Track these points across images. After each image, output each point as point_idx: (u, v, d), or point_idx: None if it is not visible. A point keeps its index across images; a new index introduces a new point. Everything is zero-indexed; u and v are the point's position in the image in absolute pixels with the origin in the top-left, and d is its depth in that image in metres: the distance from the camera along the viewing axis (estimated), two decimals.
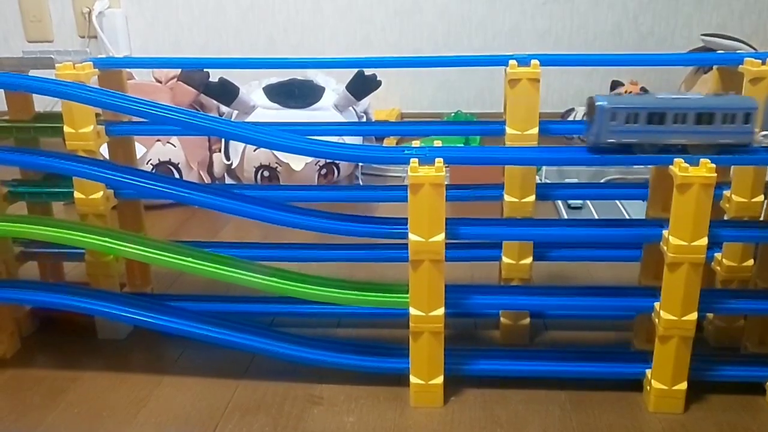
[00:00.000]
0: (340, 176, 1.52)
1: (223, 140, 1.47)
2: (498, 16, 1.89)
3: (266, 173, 1.45)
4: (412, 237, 0.74)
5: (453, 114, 1.79)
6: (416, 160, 0.73)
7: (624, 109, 0.71)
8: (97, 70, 0.87)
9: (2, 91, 0.89)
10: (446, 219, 0.74)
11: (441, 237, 0.74)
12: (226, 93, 1.39)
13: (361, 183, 1.56)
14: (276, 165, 1.43)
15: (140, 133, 0.97)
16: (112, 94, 0.77)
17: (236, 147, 1.45)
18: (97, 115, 0.88)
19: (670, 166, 0.72)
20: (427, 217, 0.73)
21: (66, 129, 0.85)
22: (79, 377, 0.86)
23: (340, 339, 0.88)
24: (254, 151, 1.43)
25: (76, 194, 0.88)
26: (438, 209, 0.73)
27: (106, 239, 0.81)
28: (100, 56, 0.92)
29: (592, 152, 0.75)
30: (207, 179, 1.48)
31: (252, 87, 1.50)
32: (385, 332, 0.94)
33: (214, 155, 1.49)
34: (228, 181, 1.50)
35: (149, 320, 0.83)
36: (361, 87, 1.42)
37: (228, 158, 1.47)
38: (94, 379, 0.86)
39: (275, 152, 1.41)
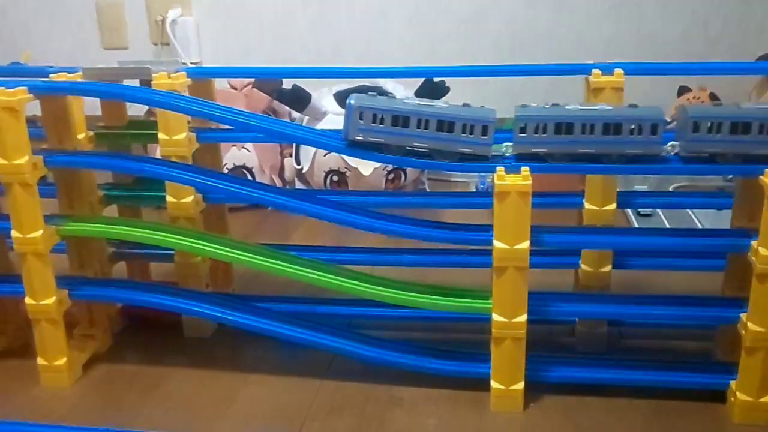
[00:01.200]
0: (407, 181, 1.54)
1: (294, 145, 1.51)
2: (563, 23, 1.88)
3: (335, 177, 1.48)
4: (497, 244, 0.75)
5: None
6: (502, 168, 0.75)
7: (370, 110, 0.75)
8: (189, 79, 0.91)
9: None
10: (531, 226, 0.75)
11: (526, 244, 0.75)
12: (299, 99, 1.43)
13: (427, 188, 1.58)
14: (345, 170, 1.46)
15: (227, 140, 1.01)
16: (208, 105, 0.81)
17: (307, 152, 1.49)
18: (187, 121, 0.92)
19: (761, 177, 0.72)
20: (512, 225, 0.74)
21: (161, 136, 0.90)
22: (169, 373, 0.90)
23: (420, 342, 0.89)
24: (324, 156, 1.46)
25: (168, 198, 0.92)
26: (524, 217, 0.74)
27: (199, 241, 0.84)
28: (189, 65, 0.96)
29: (347, 146, 0.78)
30: (278, 183, 1.52)
31: (323, 93, 1.53)
32: (459, 336, 0.95)
33: (285, 160, 1.53)
34: (298, 185, 1.54)
35: (236, 319, 0.86)
36: (430, 94, 1.44)
37: (299, 163, 1.51)
38: (183, 375, 0.90)
39: (344, 157, 1.43)
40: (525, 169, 0.74)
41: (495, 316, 0.78)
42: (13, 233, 0.81)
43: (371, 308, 0.95)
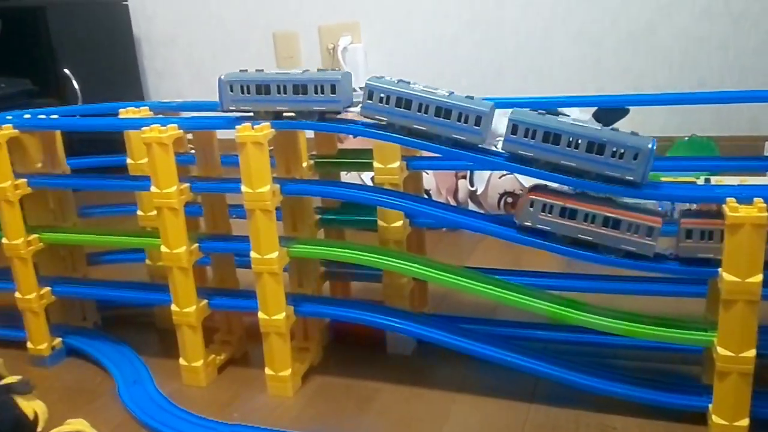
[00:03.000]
0: None
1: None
2: (741, 35, 1.80)
3: (509, 199, 1.50)
4: (726, 277, 0.74)
5: (687, 139, 1.73)
6: (733, 199, 0.74)
7: (237, 82, 0.87)
8: None
9: None
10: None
11: (759, 278, 0.73)
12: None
13: None
14: (520, 191, 1.48)
15: (433, 168, 1.05)
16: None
17: (482, 175, 1.52)
18: None
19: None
20: (746, 258, 0.73)
21: (376, 164, 0.96)
22: (380, 388, 0.95)
23: (629, 370, 0.89)
24: (499, 178, 1.49)
25: (380, 222, 0.98)
26: (758, 250, 0.72)
27: (415, 264, 0.89)
28: None
29: (229, 121, 0.89)
30: (453, 204, 1.56)
31: (498, 117, 1.56)
32: (664, 366, 0.94)
33: (460, 182, 1.57)
34: (471, 206, 1.57)
35: (445, 339, 0.90)
36: (609, 115, 1.43)
37: (472, 185, 1.54)
38: (393, 390, 0.95)
39: (519, 178, 1.45)
40: (758, 200, 0.73)
41: (720, 350, 0.76)
42: (252, 254, 0.89)
43: (570, 333, 0.96)
